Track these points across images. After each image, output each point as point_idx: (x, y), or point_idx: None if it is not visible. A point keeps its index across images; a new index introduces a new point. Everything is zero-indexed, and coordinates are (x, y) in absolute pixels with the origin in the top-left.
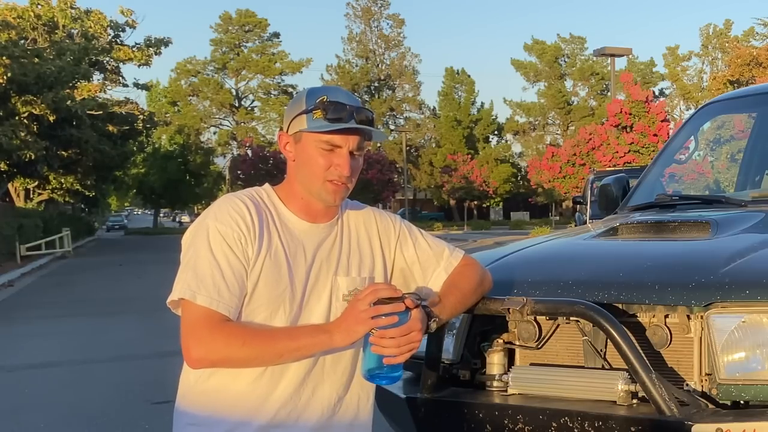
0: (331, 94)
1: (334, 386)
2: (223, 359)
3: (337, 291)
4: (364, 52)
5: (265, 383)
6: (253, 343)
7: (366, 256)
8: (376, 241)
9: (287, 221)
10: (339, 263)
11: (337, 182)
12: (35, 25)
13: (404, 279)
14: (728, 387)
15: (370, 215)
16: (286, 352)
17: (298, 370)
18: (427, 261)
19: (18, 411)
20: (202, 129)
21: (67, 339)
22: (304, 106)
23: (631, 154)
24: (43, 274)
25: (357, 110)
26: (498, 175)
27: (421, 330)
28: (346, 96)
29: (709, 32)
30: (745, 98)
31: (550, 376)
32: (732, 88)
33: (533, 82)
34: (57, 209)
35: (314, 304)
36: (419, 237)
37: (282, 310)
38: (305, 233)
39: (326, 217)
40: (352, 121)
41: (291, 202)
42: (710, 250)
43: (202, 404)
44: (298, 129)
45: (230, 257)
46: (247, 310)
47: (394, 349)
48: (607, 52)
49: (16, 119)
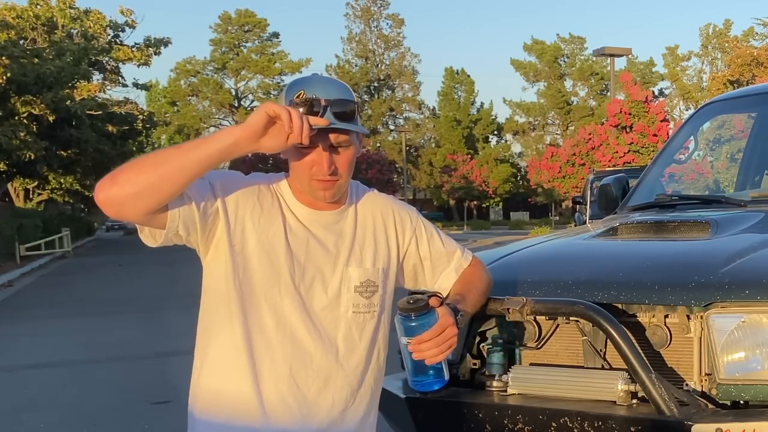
0: (308, 87)
1: (344, 392)
2: (124, 178)
3: (349, 282)
4: (364, 52)
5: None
6: (155, 153)
7: (381, 246)
8: (392, 232)
9: (292, 207)
10: (351, 253)
11: (322, 180)
12: (34, 25)
13: (414, 273)
14: (728, 387)
15: (387, 204)
16: (188, 147)
17: (309, 373)
18: (439, 259)
19: (18, 411)
20: (201, 129)
21: (67, 339)
22: (283, 102)
23: (631, 154)
24: (42, 274)
25: (333, 103)
26: (498, 175)
27: (453, 324)
28: (323, 88)
29: (709, 32)
30: (744, 98)
31: (549, 376)
32: (732, 88)
33: (533, 82)
34: (56, 209)
35: (320, 294)
36: (434, 234)
37: (286, 292)
38: (309, 219)
39: (332, 206)
40: (328, 115)
41: (296, 194)
42: (710, 250)
43: (212, 405)
44: None
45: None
46: (246, 285)
47: (434, 349)
48: (606, 52)
49: (15, 119)
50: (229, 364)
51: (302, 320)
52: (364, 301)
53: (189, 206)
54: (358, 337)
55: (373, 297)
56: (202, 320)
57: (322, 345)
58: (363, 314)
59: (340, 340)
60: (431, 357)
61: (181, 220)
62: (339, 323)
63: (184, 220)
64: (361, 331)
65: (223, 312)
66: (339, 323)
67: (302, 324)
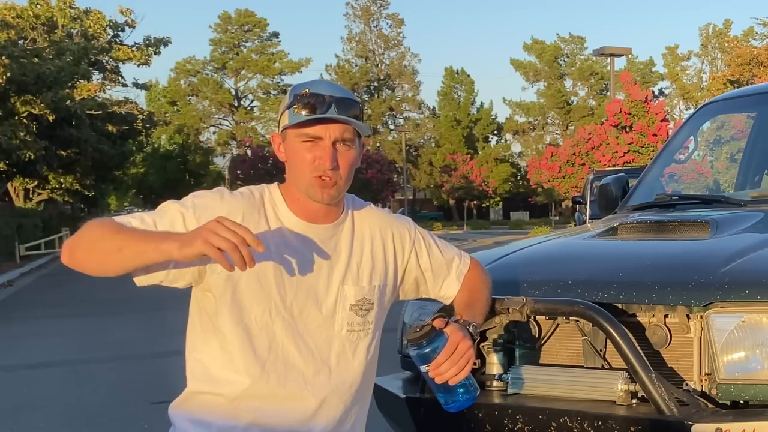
0: (312, 86)
1: (338, 411)
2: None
3: (344, 300)
4: (364, 51)
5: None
6: (103, 227)
7: (378, 264)
8: (390, 248)
9: (285, 220)
10: (347, 271)
11: (323, 177)
12: (34, 25)
13: (416, 285)
14: (728, 387)
15: (385, 220)
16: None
17: (303, 394)
18: (439, 269)
19: (18, 411)
20: (201, 129)
21: (66, 339)
22: (287, 102)
23: (631, 153)
24: (42, 274)
25: (337, 101)
26: (497, 174)
27: (464, 337)
28: (328, 87)
29: (709, 32)
30: (744, 98)
31: (549, 376)
32: (732, 87)
33: (533, 81)
34: (56, 209)
35: (314, 313)
36: (432, 243)
37: (276, 314)
38: (302, 233)
39: (327, 219)
40: (332, 111)
41: (291, 203)
42: (710, 249)
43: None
44: (283, 126)
45: (173, 224)
46: (234, 309)
47: (453, 368)
48: (606, 52)
49: (15, 119)
50: (223, 389)
51: (294, 342)
52: (359, 320)
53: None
54: (352, 356)
55: (368, 315)
56: (191, 338)
57: (315, 365)
58: (357, 332)
59: (333, 359)
60: (453, 377)
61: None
62: (333, 342)
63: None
64: (355, 349)
65: (212, 339)
66: (333, 342)
67: (294, 346)
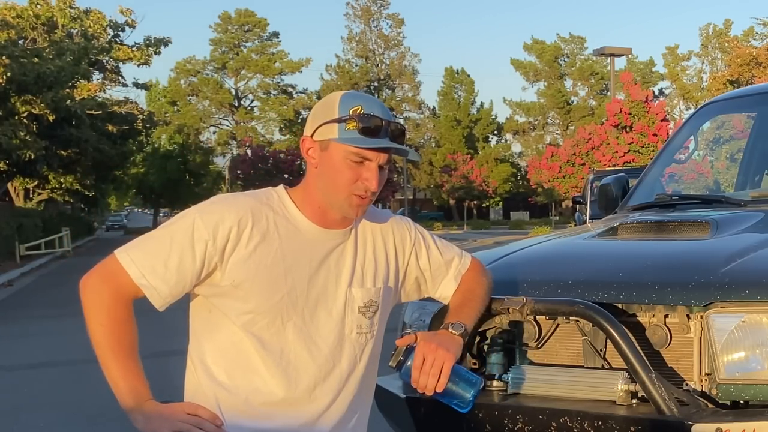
0: (366, 104)
1: (347, 413)
2: (86, 312)
3: (353, 303)
4: (364, 51)
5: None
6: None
7: (381, 266)
8: (391, 250)
9: (298, 225)
10: (354, 274)
11: (363, 196)
12: (34, 25)
13: (417, 285)
14: (728, 387)
15: (386, 222)
16: (107, 375)
17: (314, 397)
18: (438, 269)
19: (18, 411)
20: (201, 129)
21: (66, 339)
22: (336, 113)
23: (631, 153)
24: (42, 274)
25: (391, 125)
26: (498, 174)
27: (437, 346)
28: (380, 108)
29: (709, 32)
30: (744, 98)
31: (549, 376)
32: (732, 87)
33: (533, 81)
34: (56, 209)
35: (324, 317)
36: (432, 244)
37: (288, 319)
38: (315, 239)
39: (341, 225)
40: (387, 138)
41: (305, 207)
42: (710, 249)
43: None
44: (328, 137)
45: (185, 253)
46: (245, 317)
47: (431, 379)
48: (606, 52)
49: (15, 119)
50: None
51: (306, 346)
52: (366, 322)
53: (183, 286)
54: (360, 357)
55: (374, 317)
56: (197, 341)
57: (326, 368)
58: (365, 334)
59: (344, 361)
60: (432, 386)
61: (178, 294)
62: (343, 345)
63: (182, 292)
64: (362, 350)
65: (222, 343)
66: (343, 345)
67: (306, 350)
